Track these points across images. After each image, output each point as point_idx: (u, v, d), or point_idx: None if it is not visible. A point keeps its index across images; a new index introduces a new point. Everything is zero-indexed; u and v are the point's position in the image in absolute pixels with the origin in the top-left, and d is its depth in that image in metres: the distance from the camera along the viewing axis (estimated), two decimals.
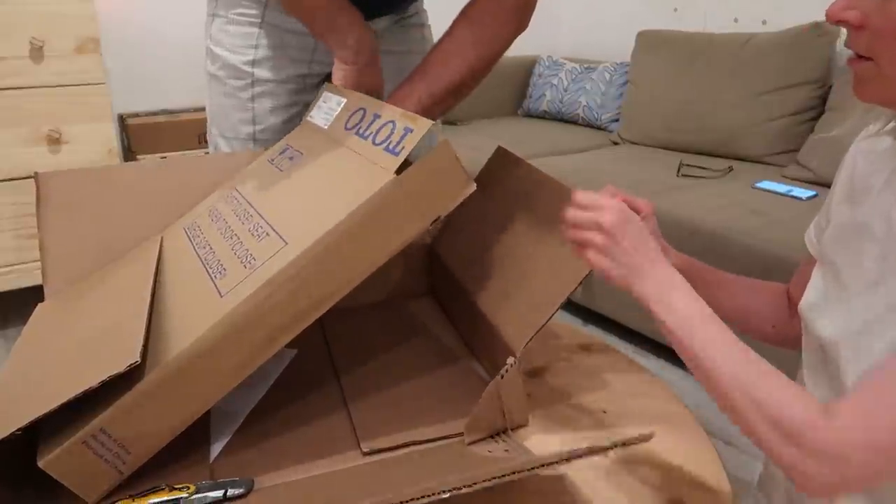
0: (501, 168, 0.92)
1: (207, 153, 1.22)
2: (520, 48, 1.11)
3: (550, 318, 0.71)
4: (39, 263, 0.84)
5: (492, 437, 0.71)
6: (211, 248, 0.76)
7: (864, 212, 0.67)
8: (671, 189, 2.08)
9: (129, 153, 2.48)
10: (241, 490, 0.63)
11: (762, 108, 2.29)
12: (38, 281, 0.83)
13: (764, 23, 2.53)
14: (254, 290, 0.64)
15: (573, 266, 0.71)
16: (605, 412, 0.77)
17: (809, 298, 0.72)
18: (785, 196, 1.96)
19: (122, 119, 2.51)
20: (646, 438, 0.60)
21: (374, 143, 0.74)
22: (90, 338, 0.70)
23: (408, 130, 0.70)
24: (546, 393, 0.81)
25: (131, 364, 0.58)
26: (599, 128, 2.92)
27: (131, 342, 0.61)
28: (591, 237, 0.64)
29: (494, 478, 0.55)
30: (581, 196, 0.66)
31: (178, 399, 0.63)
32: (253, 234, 0.73)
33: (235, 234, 0.75)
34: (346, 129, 0.81)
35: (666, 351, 1.98)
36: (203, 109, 1.20)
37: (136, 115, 2.53)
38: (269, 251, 0.68)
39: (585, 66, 3.00)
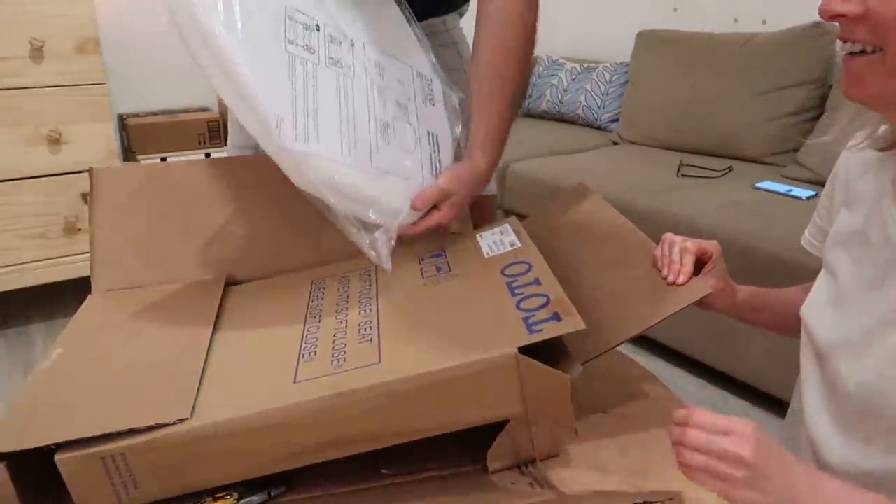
0: (575, 202, 0.91)
1: (208, 154, 1.22)
2: None
3: (597, 357, 0.71)
4: (39, 263, 0.84)
5: (518, 467, 0.68)
6: (318, 325, 0.73)
7: (860, 219, 0.67)
8: (671, 189, 2.08)
9: (129, 153, 2.48)
10: (283, 489, 0.65)
11: (762, 108, 2.29)
12: (38, 281, 0.83)
13: (764, 23, 2.53)
14: (322, 396, 0.61)
15: (638, 314, 0.70)
16: (604, 412, 0.77)
17: (810, 302, 0.72)
18: (785, 196, 1.95)
19: (122, 119, 2.51)
20: (672, 496, 0.60)
21: (517, 306, 0.68)
22: (142, 367, 0.68)
23: (555, 316, 0.64)
24: None
25: (180, 419, 0.58)
26: (599, 128, 2.92)
27: (185, 393, 0.61)
28: (731, 472, 0.53)
29: None
30: (701, 417, 0.55)
31: (206, 463, 0.62)
32: (359, 333, 0.70)
33: (345, 323, 0.72)
34: (501, 273, 0.76)
35: (666, 351, 1.98)
36: (203, 109, 1.20)
37: (136, 115, 2.53)
38: (360, 360, 0.65)
39: (585, 66, 3.00)
